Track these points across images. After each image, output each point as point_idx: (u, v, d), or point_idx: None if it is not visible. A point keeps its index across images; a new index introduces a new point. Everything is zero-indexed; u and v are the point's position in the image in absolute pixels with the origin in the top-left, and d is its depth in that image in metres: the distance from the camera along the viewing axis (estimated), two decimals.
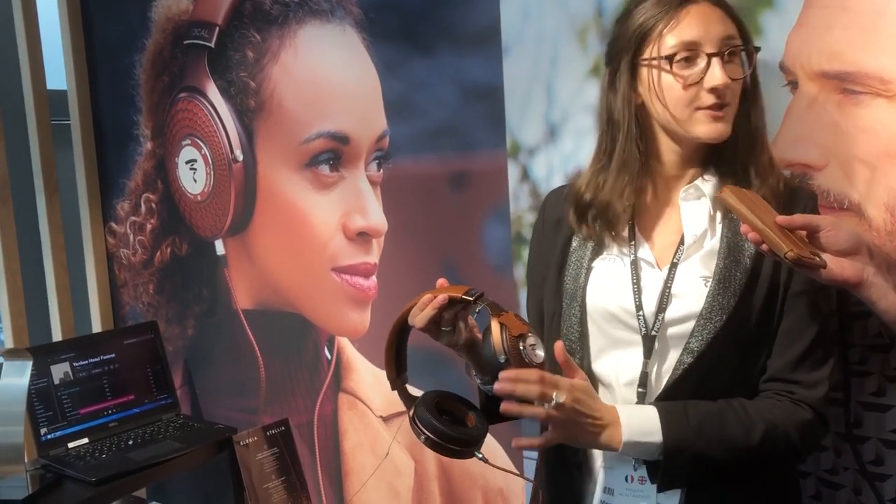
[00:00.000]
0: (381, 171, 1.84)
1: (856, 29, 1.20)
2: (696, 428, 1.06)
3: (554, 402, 1.01)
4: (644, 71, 1.11)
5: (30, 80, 2.31)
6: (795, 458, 1.18)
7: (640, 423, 1.06)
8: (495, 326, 1.05)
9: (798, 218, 0.99)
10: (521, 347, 1.05)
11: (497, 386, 1.02)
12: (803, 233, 0.99)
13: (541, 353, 1.06)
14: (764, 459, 1.09)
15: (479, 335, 1.14)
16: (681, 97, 1.09)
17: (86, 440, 1.87)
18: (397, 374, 1.20)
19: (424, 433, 1.10)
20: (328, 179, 1.91)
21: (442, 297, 1.10)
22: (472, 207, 1.71)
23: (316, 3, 1.87)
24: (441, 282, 1.15)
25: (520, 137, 1.62)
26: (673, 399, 1.10)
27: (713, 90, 1.07)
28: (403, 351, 1.20)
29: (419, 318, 1.12)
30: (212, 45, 2.07)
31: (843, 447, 1.30)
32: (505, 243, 1.67)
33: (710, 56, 1.07)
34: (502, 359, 1.04)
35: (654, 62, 1.09)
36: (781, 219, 0.98)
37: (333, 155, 1.89)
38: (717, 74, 1.07)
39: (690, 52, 1.08)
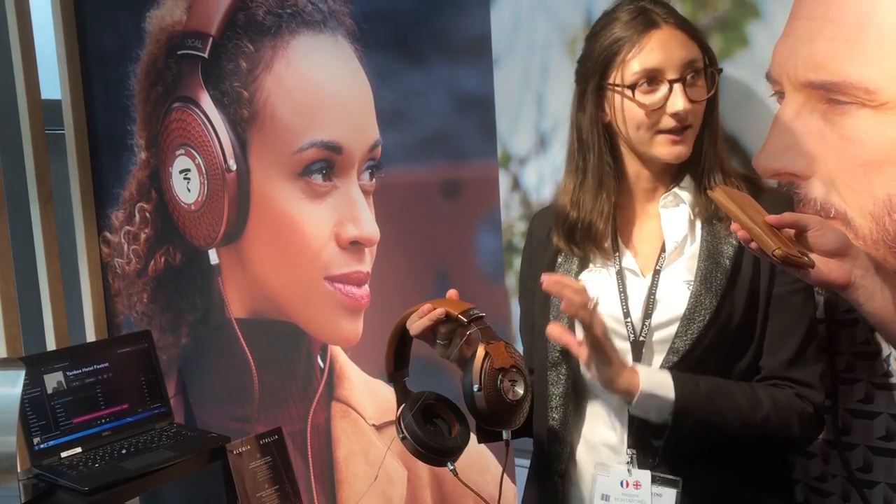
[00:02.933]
0: (374, 180, 1.85)
1: (840, 40, 1.21)
2: (706, 394, 1.08)
3: (593, 303, 1.05)
4: (609, 93, 1.14)
5: (24, 90, 2.32)
6: (791, 446, 1.21)
7: (656, 377, 1.08)
8: (480, 353, 1.06)
9: (787, 216, 1.00)
10: (499, 380, 1.05)
11: (546, 283, 1.06)
12: (792, 233, 1.00)
13: (519, 390, 1.07)
14: (764, 440, 1.12)
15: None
16: (643, 122, 1.12)
17: (79, 449, 1.87)
18: (395, 369, 1.22)
19: (403, 433, 1.13)
20: (321, 189, 1.92)
21: (440, 311, 1.12)
22: (464, 216, 1.72)
23: (309, 13, 1.88)
24: (451, 293, 1.17)
25: (511, 147, 1.63)
26: None
27: (675, 115, 1.10)
28: (404, 349, 1.22)
29: (415, 325, 1.14)
30: (205, 55, 2.08)
31: (831, 454, 1.30)
32: (496, 252, 1.68)
33: (671, 82, 1.09)
34: (476, 388, 1.05)
35: (618, 89, 1.12)
36: (771, 218, 0.99)
37: (326, 164, 1.90)
38: (679, 101, 1.09)
39: (653, 77, 1.10)
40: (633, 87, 1.10)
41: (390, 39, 1.77)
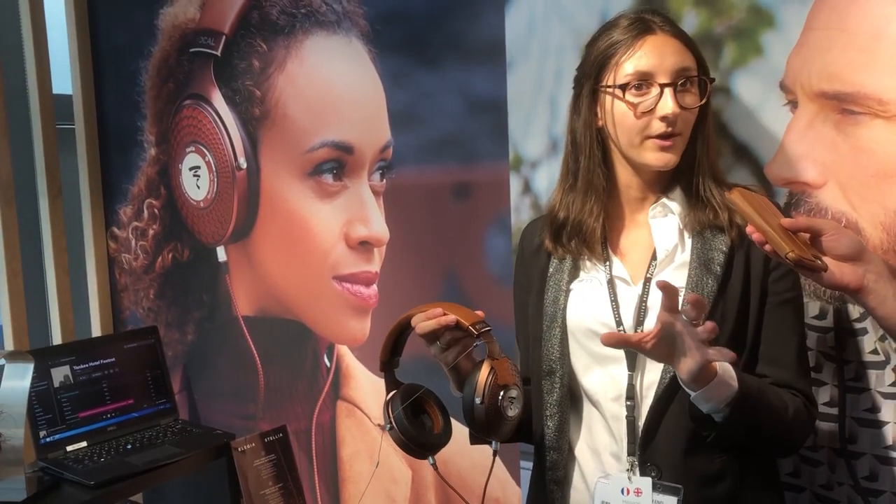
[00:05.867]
0: (385, 180, 1.85)
1: (854, 50, 1.22)
2: (757, 389, 1.09)
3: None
4: (602, 97, 1.15)
5: (36, 85, 2.33)
6: (791, 450, 1.23)
7: (725, 366, 1.06)
8: (485, 369, 1.09)
9: (802, 220, 1.02)
10: (500, 397, 1.08)
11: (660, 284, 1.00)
12: (807, 236, 1.01)
13: (517, 408, 1.10)
14: (782, 440, 1.13)
15: (471, 363, 1.16)
16: (633, 125, 1.13)
17: (84, 444, 1.87)
18: (389, 358, 1.24)
19: (391, 424, 1.17)
20: (331, 188, 1.92)
21: (451, 318, 1.13)
22: (474, 218, 1.73)
23: (323, 14, 1.89)
24: (481, 314, 1.16)
25: (522, 150, 1.63)
26: (665, 407, 1.12)
27: (664, 118, 1.11)
28: (403, 341, 1.24)
29: (422, 325, 1.15)
30: (218, 53, 2.09)
31: (837, 463, 1.31)
32: (506, 254, 1.69)
33: (662, 86, 1.11)
34: (478, 401, 1.08)
35: (610, 90, 1.14)
36: (786, 221, 1.01)
37: (337, 164, 1.91)
38: (668, 104, 1.10)
39: (644, 81, 1.11)
40: (623, 87, 1.12)
41: (404, 41, 1.78)
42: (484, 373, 1.09)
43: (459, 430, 1.19)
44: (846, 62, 1.23)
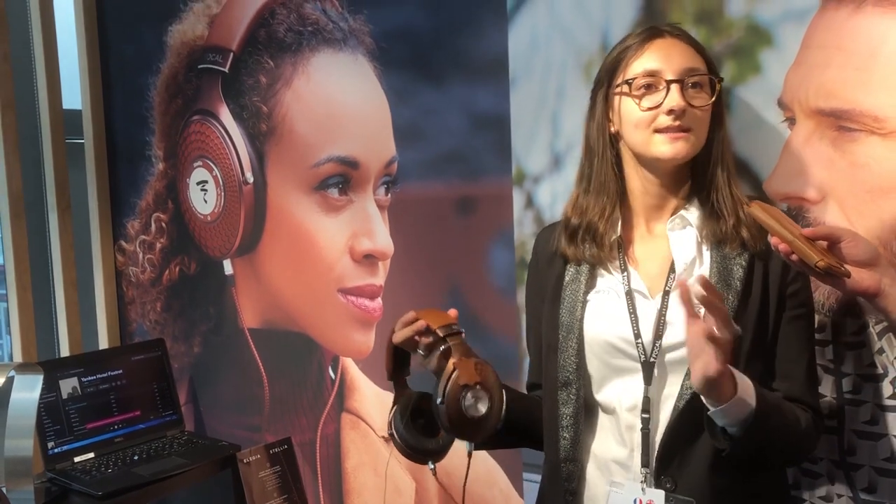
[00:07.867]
0: (389, 195, 1.88)
1: (851, 68, 1.24)
2: (775, 407, 1.10)
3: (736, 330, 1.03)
4: (614, 100, 1.19)
5: (46, 99, 2.36)
6: (796, 462, 1.24)
7: (745, 384, 1.07)
8: (448, 368, 1.10)
9: (822, 229, 1.05)
10: (462, 396, 1.09)
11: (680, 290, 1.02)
12: (825, 244, 1.04)
13: (482, 408, 1.10)
14: (794, 454, 1.16)
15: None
16: (641, 119, 1.15)
17: (92, 455, 1.89)
18: (392, 369, 1.24)
19: (391, 431, 1.19)
20: (337, 202, 1.95)
21: (420, 324, 1.15)
22: (478, 233, 1.75)
23: (329, 32, 1.92)
24: (453, 312, 1.18)
25: (525, 165, 1.66)
26: (684, 422, 1.13)
27: (670, 112, 1.13)
28: (400, 353, 1.23)
29: (397, 334, 1.18)
30: (226, 69, 2.12)
31: (836, 474, 1.32)
32: (509, 268, 1.71)
33: (669, 83, 1.13)
34: (439, 400, 1.09)
35: (618, 89, 1.17)
36: (807, 231, 1.03)
37: (343, 179, 1.94)
38: (674, 97, 1.13)
39: (652, 78, 1.14)
40: (630, 83, 1.15)
41: (409, 58, 1.81)
42: (446, 373, 1.09)
43: (463, 443, 1.20)
44: (842, 80, 1.25)
